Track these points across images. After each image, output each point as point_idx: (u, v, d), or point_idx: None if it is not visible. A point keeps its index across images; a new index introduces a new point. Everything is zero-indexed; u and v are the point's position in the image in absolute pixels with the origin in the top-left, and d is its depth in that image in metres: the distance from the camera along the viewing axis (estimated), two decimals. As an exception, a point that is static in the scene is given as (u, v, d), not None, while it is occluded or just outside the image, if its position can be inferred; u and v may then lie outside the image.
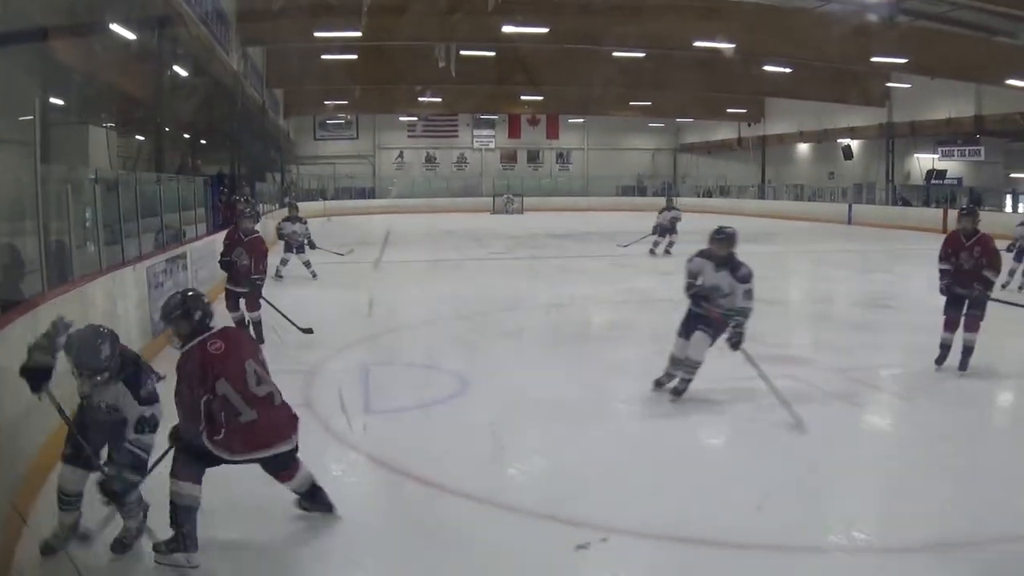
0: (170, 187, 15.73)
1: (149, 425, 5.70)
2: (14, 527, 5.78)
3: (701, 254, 9.74)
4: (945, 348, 11.15)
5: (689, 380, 9.67)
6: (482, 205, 51.70)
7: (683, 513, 6.52)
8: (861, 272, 22.11)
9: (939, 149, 40.29)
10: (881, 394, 10.35)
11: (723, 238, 9.61)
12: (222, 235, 18.91)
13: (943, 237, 11.60)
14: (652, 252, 25.47)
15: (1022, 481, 7.34)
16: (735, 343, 9.48)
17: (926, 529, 6.22)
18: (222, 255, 12.55)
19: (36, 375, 5.62)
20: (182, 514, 5.65)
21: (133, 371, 5.77)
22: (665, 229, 25.63)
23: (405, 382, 10.57)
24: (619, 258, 25.37)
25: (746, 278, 9.42)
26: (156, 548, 5.63)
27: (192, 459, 5.74)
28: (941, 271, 11.48)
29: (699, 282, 9.65)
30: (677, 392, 9.68)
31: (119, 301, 10.37)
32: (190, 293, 6.22)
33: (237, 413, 5.73)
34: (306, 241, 20.51)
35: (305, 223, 20.79)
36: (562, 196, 56.21)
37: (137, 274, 11.51)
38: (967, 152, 39.38)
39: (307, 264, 20.26)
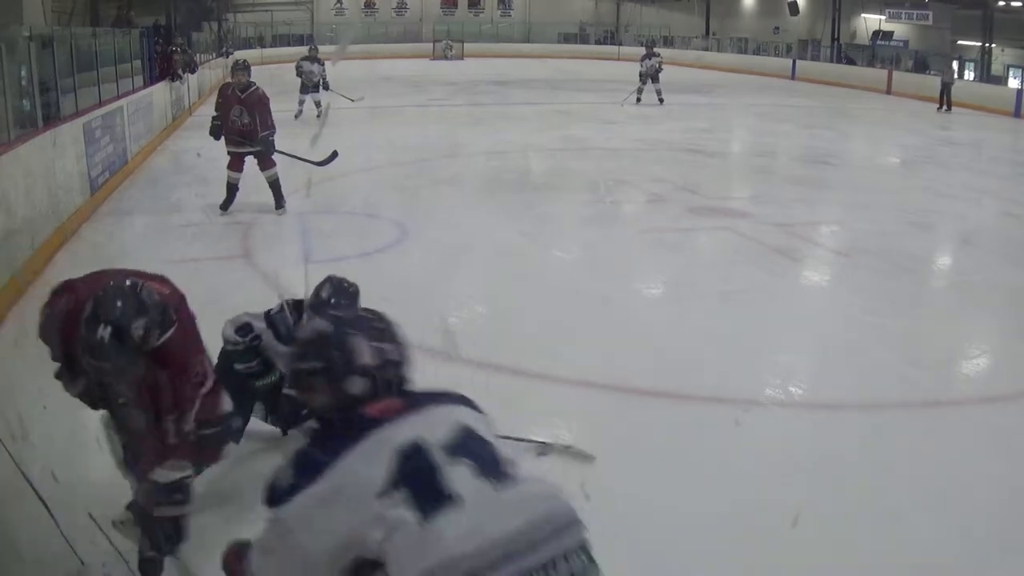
0: (106, 41, 15.24)
1: None
2: None
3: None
4: None
5: None
6: (421, 51, 50.81)
7: (618, 364, 6.52)
8: (803, 128, 22.05)
9: (886, 10, 40.04)
10: (820, 250, 10.38)
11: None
12: (158, 87, 18.58)
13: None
14: (638, 100, 25.04)
15: (957, 346, 7.43)
16: None
17: (860, 388, 6.27)
18: (214, 118, 11.27)
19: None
20: None
21: None
22: (648, 76, 25.21)
23: (345, 231, 10.43)
24: (557, 106, 25.16)
25: None
26: None
27: None
28: None
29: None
30: None
31: (57, 159, 10.08)
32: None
33: None
34: (321, 82, 20.73)
35: (322, 64, 20.86)
36: (503, 43, 55.34)
37: (74, 130, 11.13)
38: (915, 15, 39.21)
39: (318, 104, 20.40)
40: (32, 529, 4.03)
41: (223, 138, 11.15)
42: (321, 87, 20.74)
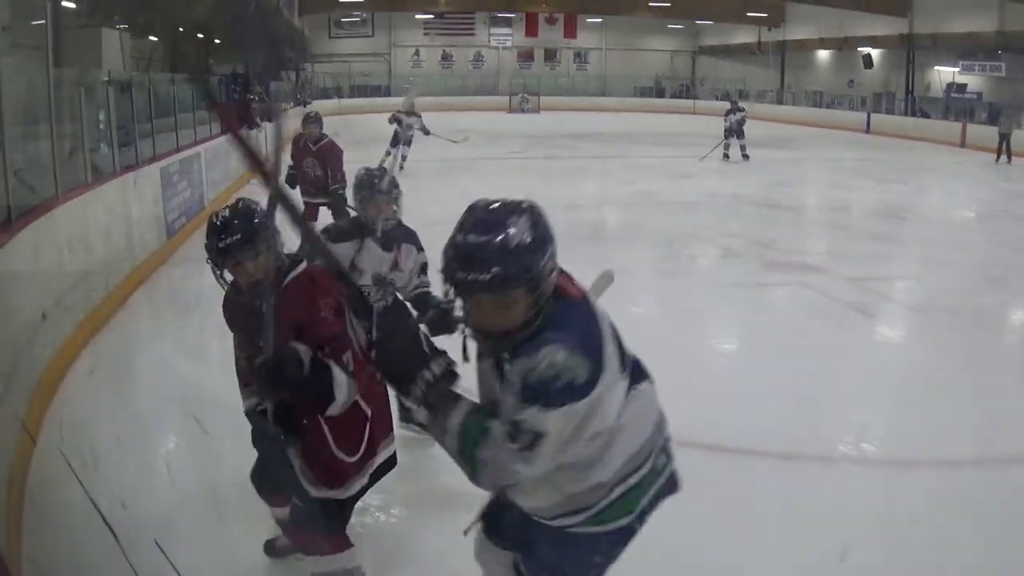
0: (184, 88, 15.62)
1: None
2: (25, 448, 5.55)
3: (346, 230, 5.56)
4: None
5: None
6: (498, 104, 51.30)
7: (692, 418, 6.52)
8: (878, 182, 21.90)
9: (960, 63, 39.72)
10: (895, 305, 10.35)
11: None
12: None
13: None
14: (726, 157, 24.76)
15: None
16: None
17: (934, 445, 6.24)
18: (290, 167, 11.19)
19: None
20: None
21: None
22: (733, 131, 24.90)
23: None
24: (633, 159, 25.30)
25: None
26: None
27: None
28: None
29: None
30: None
31: (134, 203, 10.38)
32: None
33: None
34: (420, 130, 21.11)
35: (420, 116, 21.28)
36: (579, 96, 55.76)
37: (151, 174, 11.46)
38: (988, 67, 38.78)
39: (403, 157, 20.80)
40: (100, 556, 4.17)
41: (298, 188, 11.20)
42: (412, 142, 21.01)
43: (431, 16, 56.60)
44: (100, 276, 8.67)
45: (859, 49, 45.78)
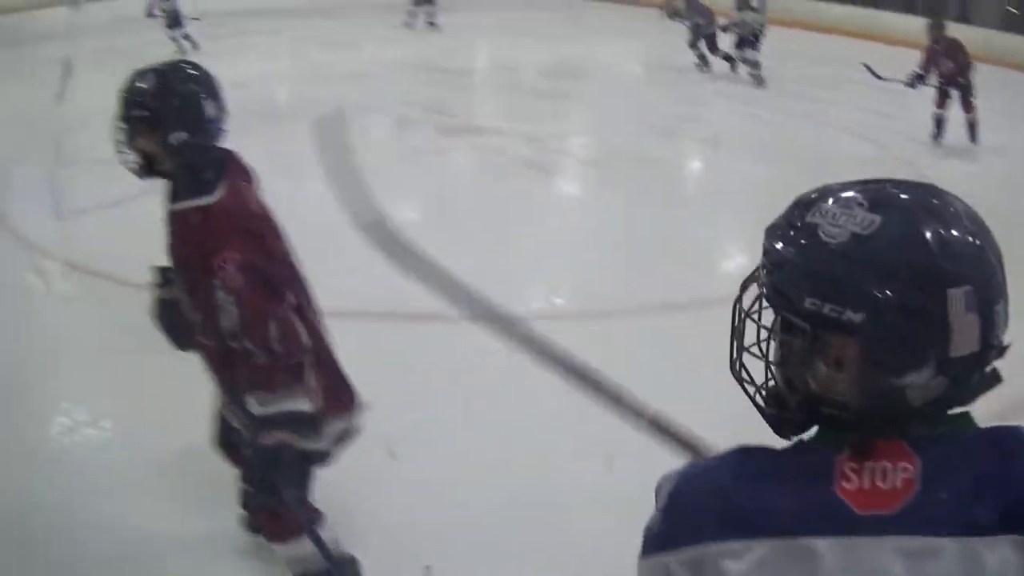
0: None
1: None
2: None
3: None
4: None
5: None
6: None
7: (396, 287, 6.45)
8: (547, 41, 22.01)
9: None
10: (572, 161, 10.52)
11: None
12: None
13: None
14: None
15: (715, 245, 7.67)
16: None
17: (624, 295, 6.40)
18: None
19: None
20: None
21: None
22: None
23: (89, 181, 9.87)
24: (300, 32, 24.51)
25: None
26: None
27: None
28: None
29: None
30: None
31: None
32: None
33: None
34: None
35: None
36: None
37: None
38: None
39: (187, 38, 19.62)
40: None
41: None
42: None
43: None
44: None
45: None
